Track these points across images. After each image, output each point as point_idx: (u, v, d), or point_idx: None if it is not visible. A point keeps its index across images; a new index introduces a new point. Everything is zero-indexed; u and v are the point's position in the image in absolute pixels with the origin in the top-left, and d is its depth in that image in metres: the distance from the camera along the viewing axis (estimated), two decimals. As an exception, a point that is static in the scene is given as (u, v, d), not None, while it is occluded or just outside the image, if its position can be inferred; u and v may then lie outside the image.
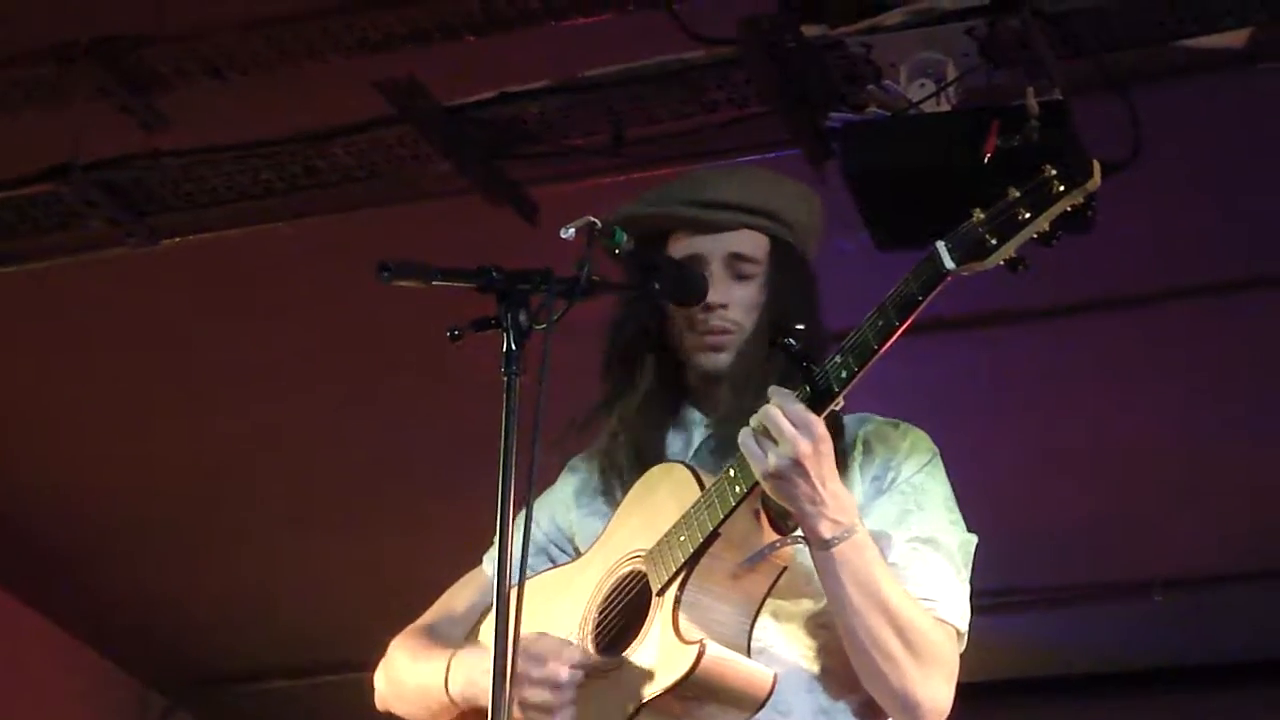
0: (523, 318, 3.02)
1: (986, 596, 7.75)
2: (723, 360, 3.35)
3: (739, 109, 5.13)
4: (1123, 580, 7.91)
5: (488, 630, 3.36)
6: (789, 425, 2.99)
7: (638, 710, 3.05)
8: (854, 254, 4.76)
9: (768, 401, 3.04)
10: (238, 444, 7.21)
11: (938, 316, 5.87)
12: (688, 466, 3.24)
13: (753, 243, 3.40)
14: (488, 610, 3.40)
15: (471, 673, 3.24)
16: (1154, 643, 8.30)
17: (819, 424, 3.00)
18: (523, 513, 2.95)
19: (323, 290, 6.25)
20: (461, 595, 3.50)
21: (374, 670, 3.49)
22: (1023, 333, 6.43)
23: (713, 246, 3.38)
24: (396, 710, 3.44)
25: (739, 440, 3.05)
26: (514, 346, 3.00)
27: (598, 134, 5.26)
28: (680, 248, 3.39)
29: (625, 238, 3.21)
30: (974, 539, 3.31)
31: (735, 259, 3.38)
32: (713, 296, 3.33)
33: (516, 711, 3.00)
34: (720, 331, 3.34)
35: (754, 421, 3.03)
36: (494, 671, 2.80)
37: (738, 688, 3.05)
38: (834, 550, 3.05)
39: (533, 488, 3.00)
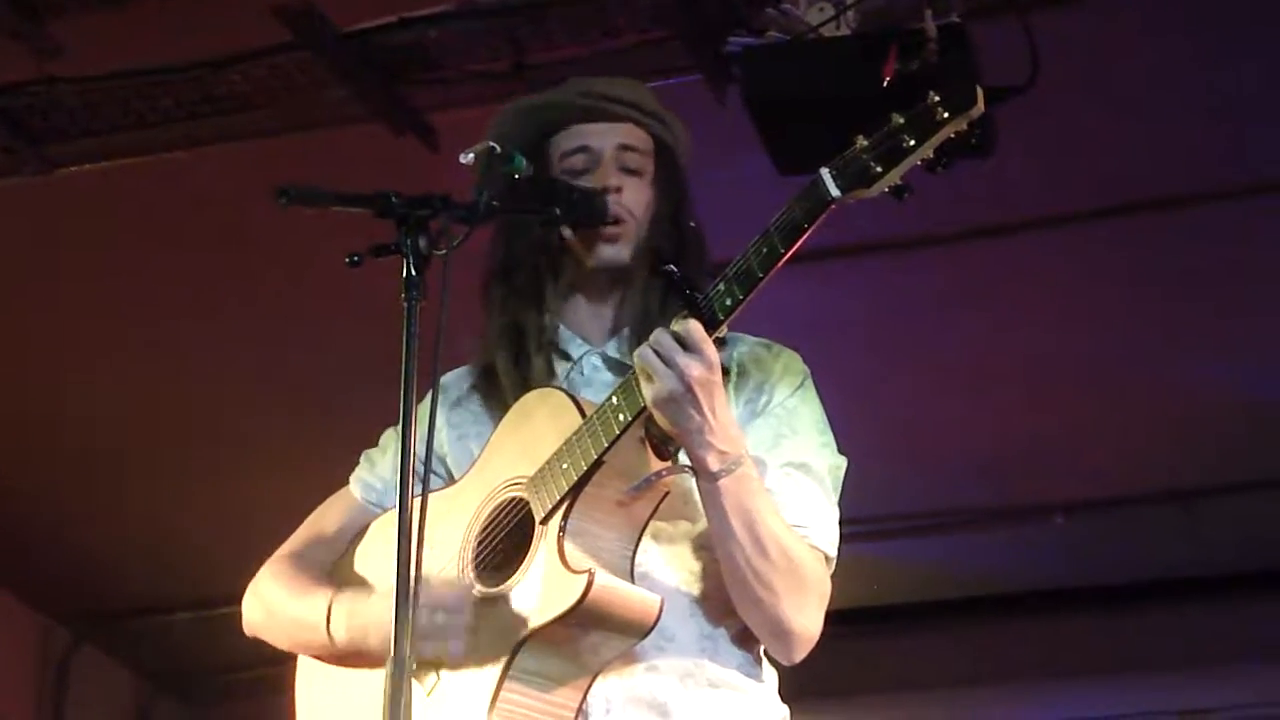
0: (422, 243, 3.00)
1: (890, 520, 7.92)
2: (619, 252, 3.35)
3: (640, 34, 5.12)
4: (1025, 504, 7.99)
5: (363, 550, 3.40)
6: (680, 350, 2.99)
7: (525, 639, 3.05)
8: (755, 179, 4.76)
9: (653, 324, 3.06)
10: (137, 377, 7.16)
11: (837, 242, 5.95)
12: (566, 392, 3.22)
13: (640, 138, 3.44)
14: (359, 534, 3.43)
15: (357, 619, 3.22)
16: (1056, 565, 8.39)
17: (712, 351, 3.00)
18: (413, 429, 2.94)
19: (222, 219, 6.19)
20: (330, 518, 3.49)
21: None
22: (924, 257, 6.45)
23: (602, 137, 3.41)
24: (268, 639, 3.42)
25: (635, 360, 3.04)
26: (414, 272, 2.97)
27: (498, 59, 5.23)
28: (570, 138, 3.41)
29: (524, 162, 3.21)
30: (844, 461, 3.34)
31: (624, 150, 3.41)
32: (609, 181, 3.36)
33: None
34: (616, 217, 3.34)
35: (648, 344, 3.02)
36: (396, 591, 2.79)
37: (626, 615, 3.06)
38: (720, 483, 3.06)
39: (434, 413, 2.99)
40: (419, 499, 2.84)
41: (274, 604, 3.39)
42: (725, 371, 3.17)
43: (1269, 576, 8.24)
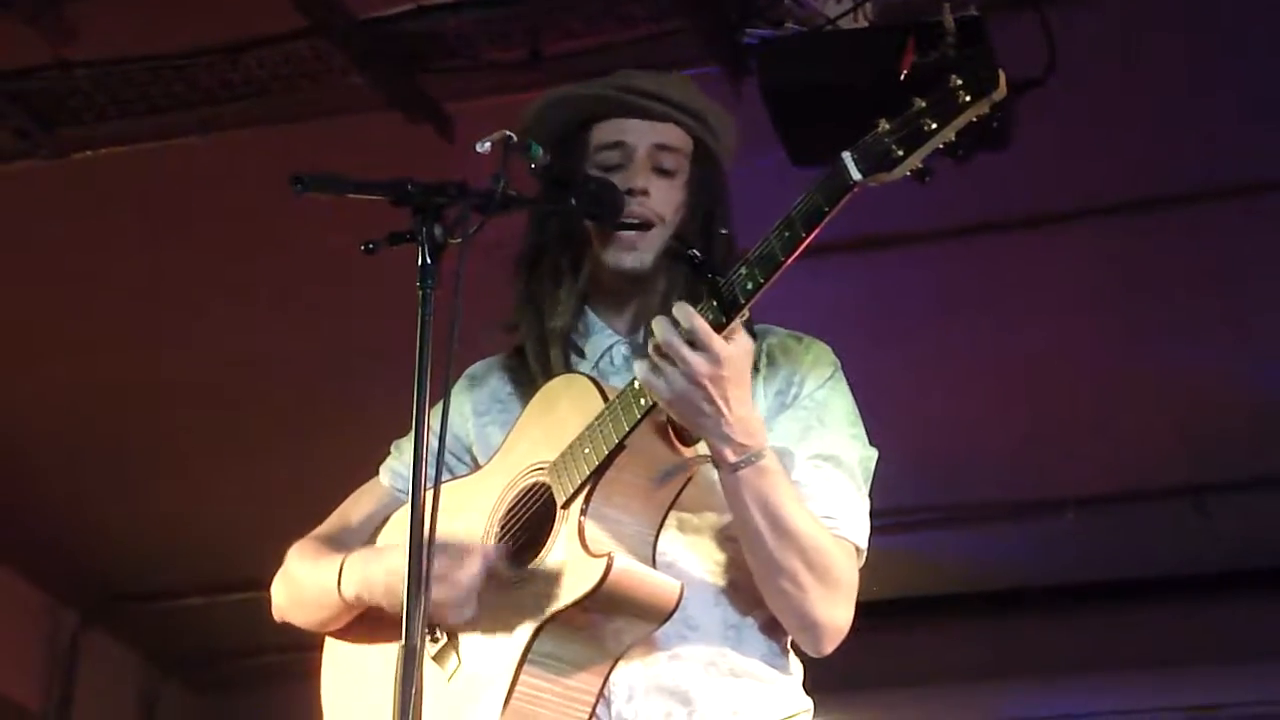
0: (438, 231, 2.99)
1: (903, 515, 7.91)
2: (640, 259, 3.31)
3: (656, 24, 5.12)
4: (1037, 499, 7.99)
5: (384, 537, 3.39)
6: (686, 347, 2.95)
7: (545, 623, 3.04)
8: (771, 171, 4.75)
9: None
10: (149, 362, 7.15)
11: (853, 235, 5.95)
12: (589, 378, 3.21)
13: (679, 138, 3.38)
14: (385, 520, 3.42)
15: (364, 573, 3.23)
16: (1067, 560, 8.39)
17: (720, 345, 2.96)
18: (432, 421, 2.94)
19: (236, 205, 6.19)
20: (358, 506, 3.48)
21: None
22: (937, 251, 6.44)
23: (639, 135, 3.35)
24: (293, 618, 3.41)
25: (635, 364, 3.01)
26: (429, 260, 2.96)
27: (515, 49, 5.23)
28: (607, 132, 3.36)
29: (541, 151, 3.18)
30: (875, 454, 3.30)
31: (660, 149, 3.35)
32: (636, 182, 3.31)
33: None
34: (640, 220, 3.30)
35: (653, 341, 2.98)
36: (408, 579, 2.80)
37: (645, 600, 3.04)
38: (739, 474, 3.04)
39: (447, 402, 3.01)
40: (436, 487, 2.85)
41: (295, 578, 3.38)
42: (754, 366, 3.14)
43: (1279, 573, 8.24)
